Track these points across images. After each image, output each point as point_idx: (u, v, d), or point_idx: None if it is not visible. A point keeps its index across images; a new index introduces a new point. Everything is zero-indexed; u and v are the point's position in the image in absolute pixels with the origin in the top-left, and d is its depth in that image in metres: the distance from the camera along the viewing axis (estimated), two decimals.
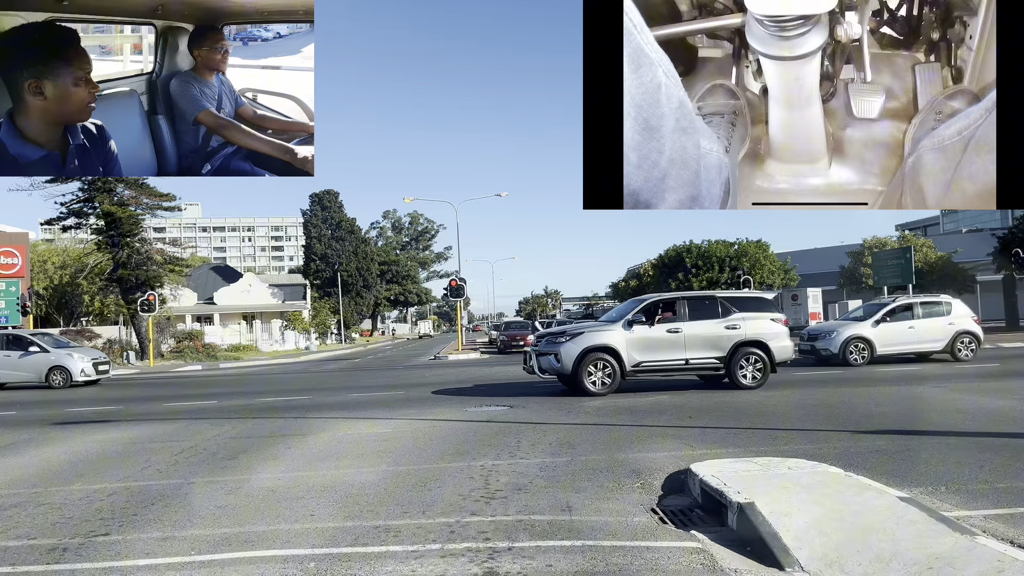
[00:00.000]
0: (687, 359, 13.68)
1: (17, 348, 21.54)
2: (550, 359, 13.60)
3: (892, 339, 19.38)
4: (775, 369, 14.03)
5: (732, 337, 13.68)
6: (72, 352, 22.26)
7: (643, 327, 13.60)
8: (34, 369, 21.32)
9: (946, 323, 19.51)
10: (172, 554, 4.95)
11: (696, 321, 13.76)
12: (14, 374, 21.41)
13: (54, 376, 21.18)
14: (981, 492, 6.00)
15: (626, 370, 13.44)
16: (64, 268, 45.44)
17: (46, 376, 21.17)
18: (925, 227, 76.61)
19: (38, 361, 21.36)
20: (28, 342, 21.76)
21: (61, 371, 21.22)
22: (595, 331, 13.76)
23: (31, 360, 21.36)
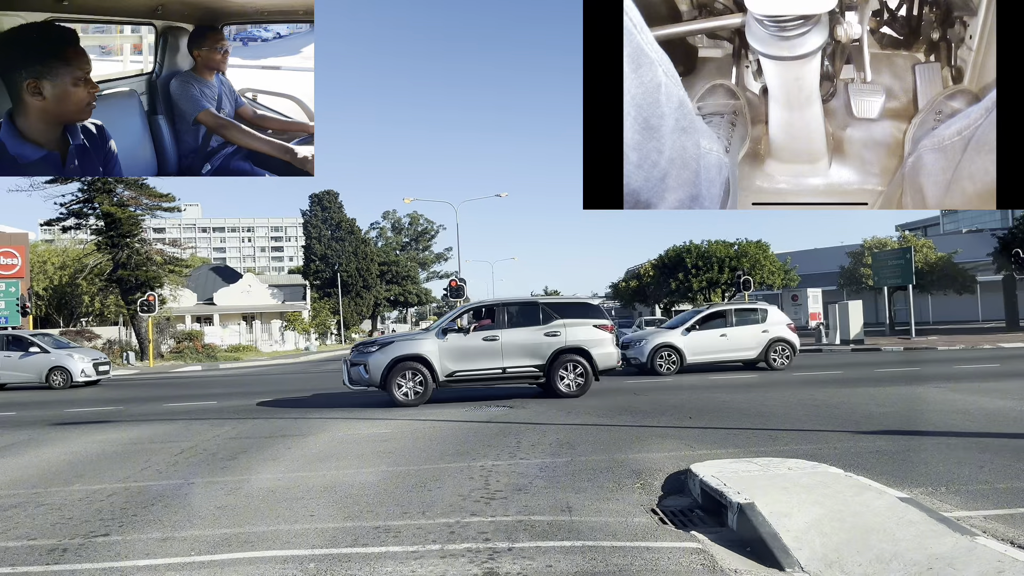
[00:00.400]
0: (504, 367, 13.34)
1: (17, 349, 21.51)
2: (359, 369, 13.18)
3: (703, 347, 18.78)
4: (598, 377, 13.89)
5: (552, 344, 13.42)
6: (72, 353, 22.24)
7: (457, 335, 13.32)
8: (34, 370, 21.30)
9: (760, 331, 18.91)
10: (172, 554, 4.94)
11: (515, 328, 13.46)
12: (14, 375, 21.37)
13: (54, 377, 21.16)
14: (981, 492, 5.99)
15: (439, 380, 13.16)
16: (64, 269, 45.44)
17: (46, 376, 21.14)
18: (925, 227, 76.63)
19: (38, 362, 21.34)
20: (28, 343, 21.72)
21: (61, 372, 21.20)
22: (406, 340, 13.56)
23: (31, 361, 21.34)
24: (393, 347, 13.27)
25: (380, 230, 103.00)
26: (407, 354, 13.10)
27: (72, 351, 22.58)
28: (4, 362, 21.28)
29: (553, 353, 13.44)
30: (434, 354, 13.13)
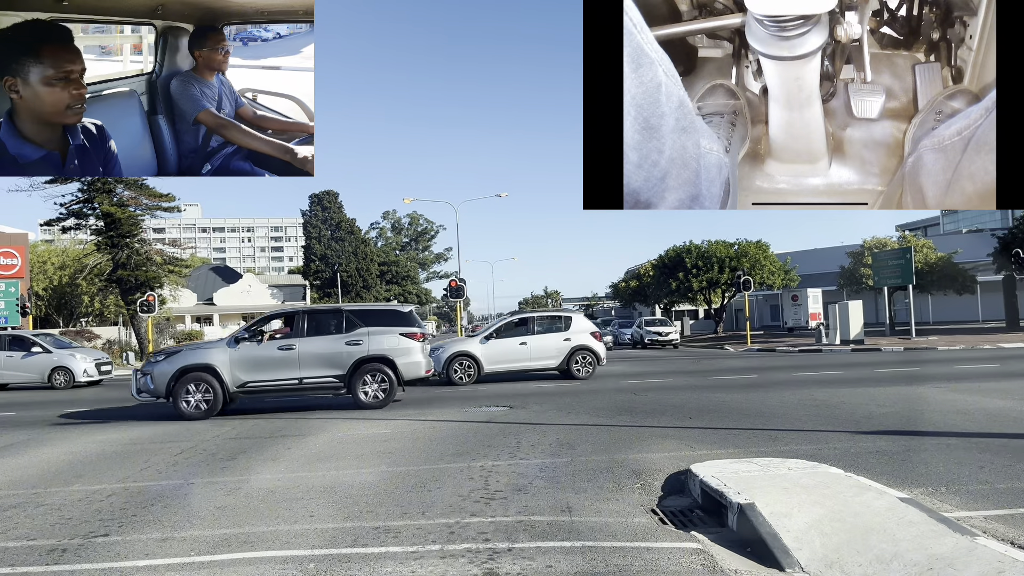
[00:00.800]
0: (301, 377, 12.97)
1: (20, 349, 21.48)
2: (146, 380, 12.79)
3: (502, 356, 18.16)
4: (403, 387, 13.62)
5: (353, 353, 13.08)
6: (75, 352, 22.25)
7: (250, 344, 12.92)
8: (37, 370, 21.26)
9: (562, 339, 18.30)
10: (171, 555, 4.94)
11: (314, 337, 13.15)
12: (16, 375, 21.33)
13: (56, 377, 21.14)
14: (981, 493, 5.99)
15: (229, 391, 12.74)
16: (63, 269, 45.46)
17: (48, 376, 21.13)
18: (925, 227, 76.68)
19: (40, 361, 21.32)
20: (30, 343, 21.70)
21: (64, 371, 21.19)
22: (194, 350, 13.18)
23: (33, 361, 21.32)
24: (178, 357, 12.88)
25: (380, 230, 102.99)
26: (194, 364, 12.70)
27: (74, 351, 22.59)
28: (6, 362, 21.23)
29: (355, 363, 13.09)
30: (224, 364, 12.72)
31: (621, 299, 61.81)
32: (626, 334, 41.87)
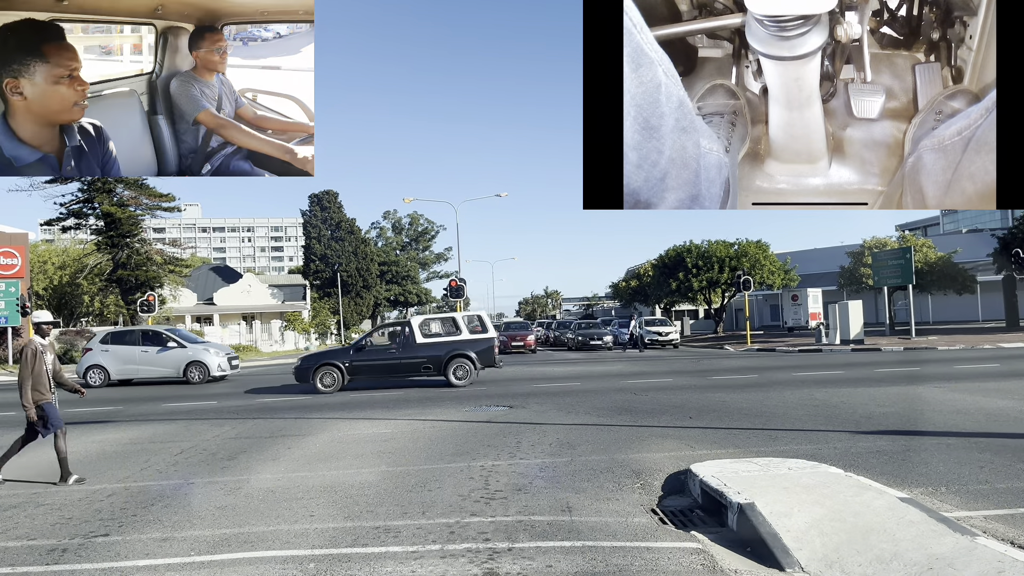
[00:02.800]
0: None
1: (155, 344, 21.50)
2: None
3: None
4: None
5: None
6: (208, 347, 22.25)
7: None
8: (172, 364, 21.21)
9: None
10: (172, 555, 4.94)
11: None
12: (153, 369, 21.32)
13: (191, 371, 21.02)
14: (981, 492, 5.99)
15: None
16: (64, 269, 45.38)
17: (184, 371, 21.05)
18: (925, 227, 76.67)
19: (176, 356, 21.28)
20: (165, 338, 21.73)
21: (199, 366, 21.09)
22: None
23: (169, 356, 21.32)
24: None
25: (380, 230, 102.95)
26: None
27: (207, 346, 22.52)
28: (141, 357, 21.31)
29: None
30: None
31: (621, 299, 61.80)
32: (626, 334, 41.90)
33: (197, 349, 21.57)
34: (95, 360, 21.18)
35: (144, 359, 21.27)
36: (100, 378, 20.90)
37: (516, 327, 40.34)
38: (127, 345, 21.39)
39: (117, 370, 20.94)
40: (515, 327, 40.33)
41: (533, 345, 36.10)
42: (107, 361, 21.02)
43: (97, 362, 21.12)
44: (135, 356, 21.17)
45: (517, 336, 35.81)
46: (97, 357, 21.23)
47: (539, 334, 44.56)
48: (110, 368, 20.93)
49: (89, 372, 21.00)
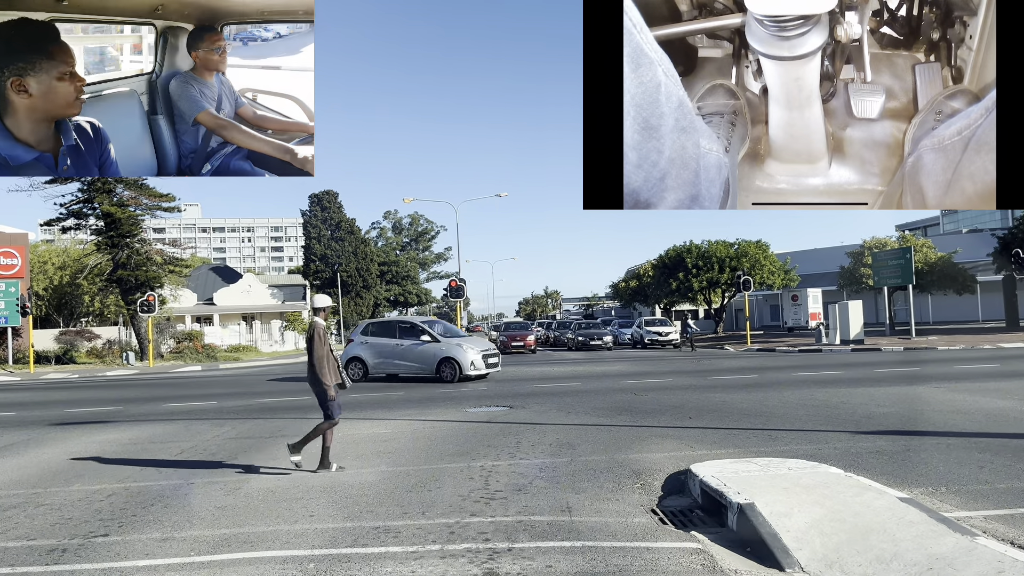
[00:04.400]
0: None
1: (410, 336, 18.89)
2: None
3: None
4: None
5: None
6: (462, 342, 18.87)
7: None
8: (426, 361, 18.45)
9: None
10: (172, 555, 4.94)
11: None
12: (406, 365, 18.75)
13: (444, 369, 18.20)
14: (981, 493, 5.99)
15: None
16: (64, 269, 45.40)
17: (437, 368, 18.22)
18: (925, 227, 76.67)
19: (429, 352, 18.43)
20: (420, 330, 18.98)
21: (450, 364, 18.16)
22: None
23: (423, 351, 18.51)
24: None
25: (380, 230, 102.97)
26: None
27: (461, 340, 19.10)
28: (397, 351, 18.79)
29: None
30: None
31: (621, 299, 61.80)
32: (626, 334, 41.88)
33: (450, 344, 18.43)
34: (355, 352, 19.01)
35: (398, 353, 18.76)
36: (359, 372, 18.68)
37: (516, 327, 40.35)
38: (386, 337, 18.97)
39: (375, 364, 18.76)
40: (515, 327, 40.34)
41: (533, 345, 36.10)
42: (367, 354, 18.81)
43: (357, 354, 18.92)
44: (391, 349, 18.75)
45: (517, 336, 35.80)
46: (357, 349, 19.06)
47: (539, 334, 44.56)
48: (369, 362, 18.75)
49: (351, 365, 18.77)
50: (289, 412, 13.07)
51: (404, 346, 18.77)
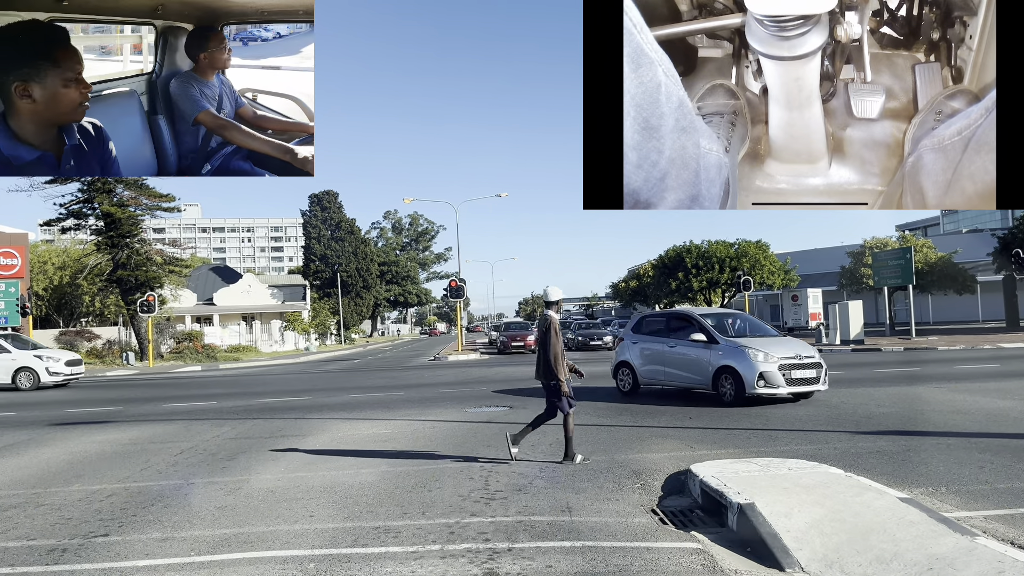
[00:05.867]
0: None
1: (680, 335, 13.28)
2: None
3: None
4: None
5: None
6: (752, 345, 12.06)
7: None
8: (699, 370, 12.64)
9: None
10: (172, 555, 4.94)
11: None
12: (680, 375, 13.15)
13: (723, 383, 12.09)
14: (981, 493, 5.99)
15: None
16: (64, 269, 45.41)
17: (714, 381, 12.19)
18: (925, 227, 76.67)
19: (703, 359, 12.51)
20: (693, 326, 13.16)
21: (730, 376, 11.97)
22: None
23: (696, 356, 12.74)
24: None
25: (380, 230, 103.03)
26: None
27: (754, 341, 12.32)
28: (664, 355, 13.40)
29: None
30: None
31: (621, 299, 61.81)
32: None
33: (732, 347, 12.08)
34: (624, 355, 14.31)
35: (667, 357, 13.32)
36: (628, 381, 14.08)
37: (516, 327, 40.33)
38: (656, 336, 13.84)
39: (645, 372, 13.73)
40: (515, 327, 40.32)
41: (533, 345, 36.05)
42: (637, 358, 13.92)
43: (626, 358, 14.21)
44: (661, 353, 13.49)
45: (517, 336, 35.79)
46: (626, 350, 14.33)
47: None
48: (638, 368, 13.84)
49: (619, 373, 14.40)
50: (289, 412, 13.07)
51: (674, 349, 13.24)
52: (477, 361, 30.51)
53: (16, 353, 21.50)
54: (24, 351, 21.85)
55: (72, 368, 22.47)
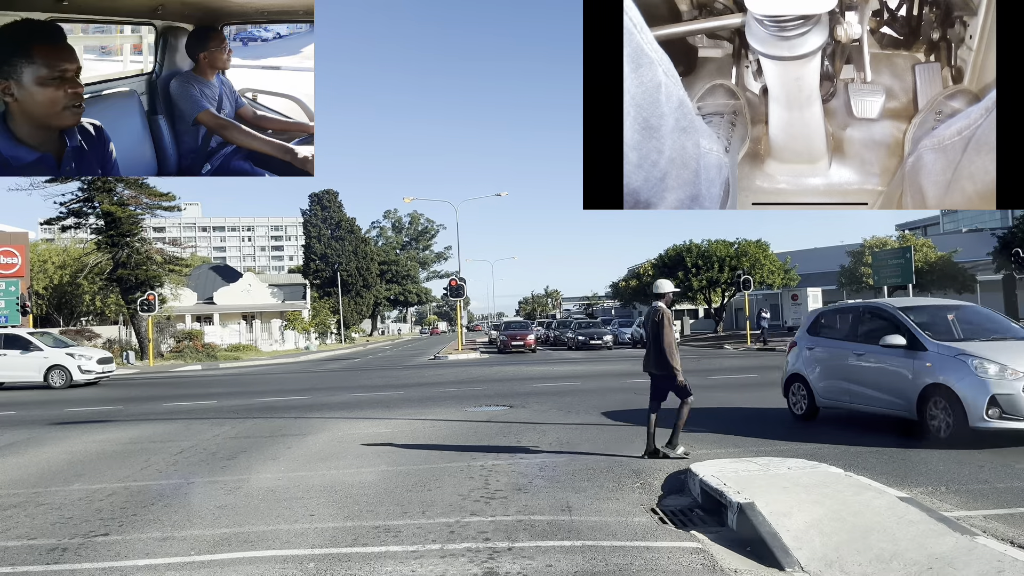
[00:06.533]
0: None
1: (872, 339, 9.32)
2: None
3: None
4: None
5: None
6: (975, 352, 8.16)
7: None
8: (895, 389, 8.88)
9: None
10: (172, 554, 4.94)
11: None
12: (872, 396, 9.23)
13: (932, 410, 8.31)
14: (981, 492, 6.00)
15: None
16: (64, 268, 45.38)
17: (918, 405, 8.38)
18: (925, 227, 76.65)
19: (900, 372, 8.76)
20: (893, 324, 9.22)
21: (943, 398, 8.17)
22: None
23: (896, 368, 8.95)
24: None
25: (380, 229, 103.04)
26: None
27: (981, 347, 8.40)
28: (852, 369, 9.59)
29: None
30: None
31: (621, 298, 61.79)
32: (626, 333, 41.87)
33: (942, 358, 8.33)
34: (797, 367, 10.37)
35: (855, 372, 9.48)
36: (803, 401, 10.17)
37: (516, 327, 40.36)
38: (839, 341, 10.01)
39: (823, 388, 9.83)
40: (515, 327, 40.35)
41: (533, 345, 36.10)
42: (813, 370, 10.08)
43: (799, 371, 10.30)
44: (846, 366, 9.63)
45: (517, 336, 35.79)
46: (799, 361, 10.36)
47: (539, 334, 44.55)
48: (814, 384, 9.96)
49: (791, 389, 10.44)
50: (289, 411, 13.08)
51: (861, 358, 9.40)
52: (477, 360, 30.53)
53: (48, 351, 21.59)
54: (56, 349, 21.95)
55: (104, 366, 22.59)
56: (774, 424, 9.81)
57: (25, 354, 21.38)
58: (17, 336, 22.04)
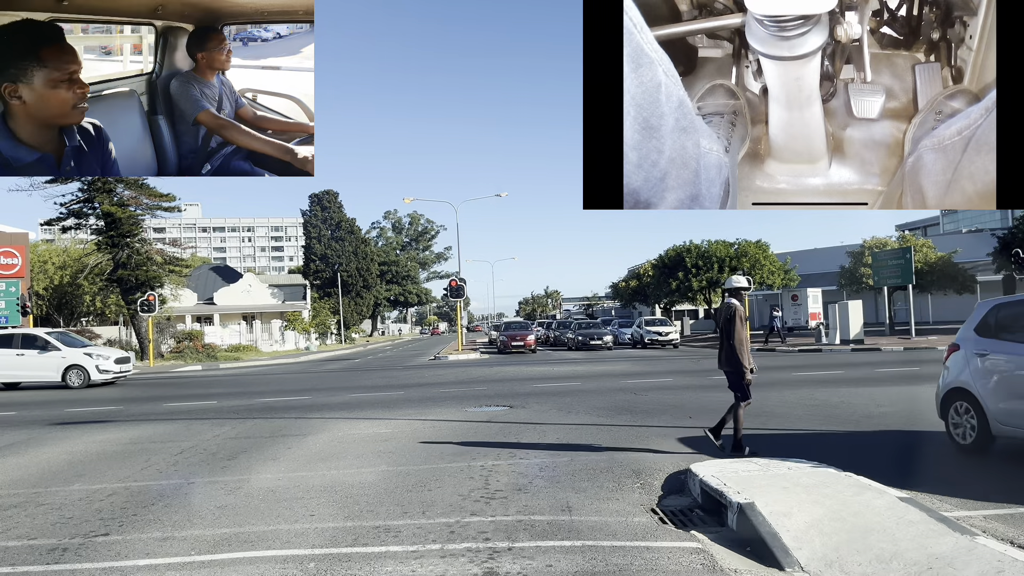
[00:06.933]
0: None
1: None
2: None
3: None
4: None
5: None
6: None
7: None
8: None
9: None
10: (172, 554, 4.95)
11: None
12: None
13: None
14: (981, 492, 5.99)
15: None
16: (64, 268, 45.37)
17: None
18: (925, 227, 76.66)
19: None
20: None
21: None
22: None
23: None
24: None
25: (380, 230, 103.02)
26: None
27: None
28: None
29: None
30: None
31: (621, 299, 61.81)
32: (626, 334, 41.88)
33: None
34: (962, 379, 7.68)
35: None
36: (968, 425, 7.48)
37: (516, 327, 40.30)
38: None
39: (1003, 412, 7.01)
40: (515, 327, 40.29)
41: (533, 345, 36.08)
42: (986, 387, 7.29)
43: (963, 384, 7.61)
44: None
45: (517, 336, 35.76)
46: (965, 371, 7.69)
47: (539, 334, 44.53)
48: (989, 406, 7.17)
49: (950, 410, 7.81)
50: (289, 412, 13.08)
51: None
52: (477, 361, 30.52)
53: (66, 351, 21.55)
54: (74, 349, 21.90)
55: (121, 366, 22.54)
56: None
57: (43, 354, 21.32)
58: (35, 336, 21.99)
